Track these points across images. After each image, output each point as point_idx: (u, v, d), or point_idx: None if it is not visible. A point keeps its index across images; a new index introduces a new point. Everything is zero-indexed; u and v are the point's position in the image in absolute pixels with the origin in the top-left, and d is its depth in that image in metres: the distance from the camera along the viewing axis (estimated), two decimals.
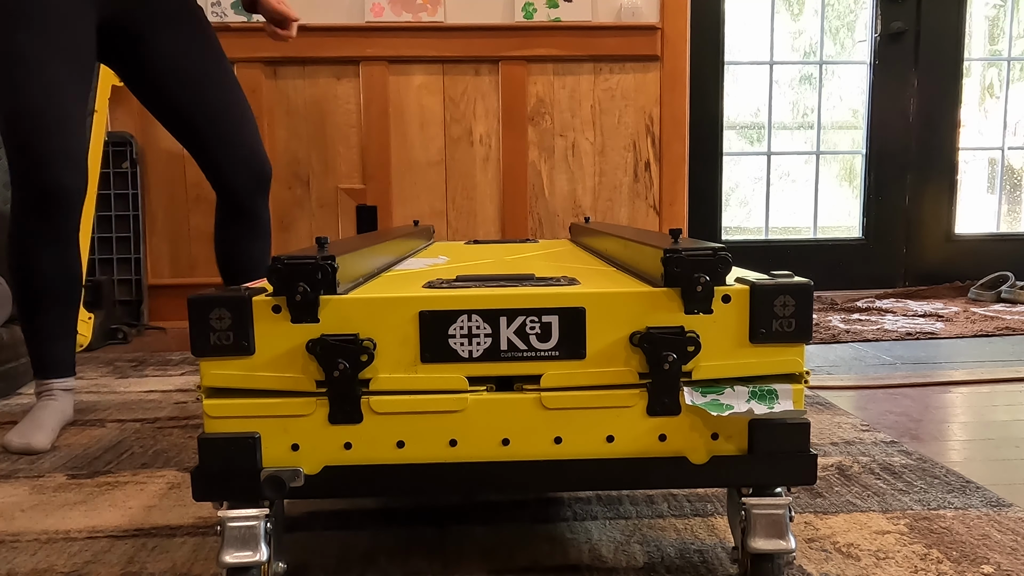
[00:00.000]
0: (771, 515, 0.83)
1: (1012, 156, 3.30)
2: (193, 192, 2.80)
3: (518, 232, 2.87)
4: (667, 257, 0.79)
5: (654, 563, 0.94)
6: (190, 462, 1.34)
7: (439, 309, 0.79)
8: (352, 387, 0.79)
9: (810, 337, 0.80)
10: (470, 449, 0.81)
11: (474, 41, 2.79)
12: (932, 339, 2.28)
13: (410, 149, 2.83)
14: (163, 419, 1.60)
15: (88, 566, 0.97)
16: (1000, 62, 3.26)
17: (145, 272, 2.74)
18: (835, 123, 3.25)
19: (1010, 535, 1.00)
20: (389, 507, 1.12)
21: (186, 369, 2.07)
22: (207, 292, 0.79)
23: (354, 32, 2.76)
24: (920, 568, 0.92)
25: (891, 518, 1.06)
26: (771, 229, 3.25)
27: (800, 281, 0.80)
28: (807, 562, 0.94)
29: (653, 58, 2.85)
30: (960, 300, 2.89)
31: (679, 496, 1.14)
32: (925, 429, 1.47)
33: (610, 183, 2.90)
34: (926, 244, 3.21)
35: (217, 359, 0.79)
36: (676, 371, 0.80)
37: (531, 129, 2.86)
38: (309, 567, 0.95)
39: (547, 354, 0.80)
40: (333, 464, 0.81)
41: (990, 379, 1.82)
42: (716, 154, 3.12)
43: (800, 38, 3.23)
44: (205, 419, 0.80)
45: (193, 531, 1.06)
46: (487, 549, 0.99)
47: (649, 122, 2.88)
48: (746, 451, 0.82)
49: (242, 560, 0.81)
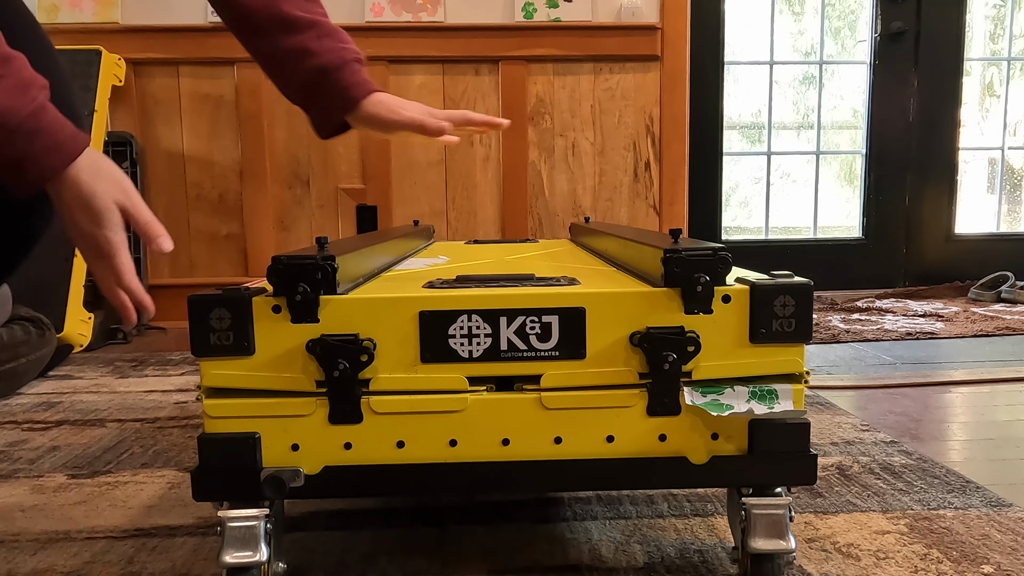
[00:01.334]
0: (771, 515, 0.83)
1: (1012, 156, 3.30)
2: (193, 192, 2.80)
3: (518, 232, 2.87)
4: (667, 257, 0.79)
5: (654, 563, 0.94)
6: (190, 462, 1.34)
7: (439, 309, 0.79)
8: (352, 387, 0.79)
9: (810, 337, 0.80)
10: (470, 449, 0.81)
11: (474, 41, 2.79)
12: (932, 339, 2.28)
13: (410, 149, 2.83)
14: (163, 419, 1.60)
15: (88, 566, 0.97)
16: (1000, 62, 3.26)
17: (145, 272, 2.74)
18: (835, 123, 3.25)
19: (1010, 535, 1.00)
20: (389, 507, 1.12)
21: (186, 369, 2.07)
22: (207, 292, 0.79)
23: (354, 32, 2.73)
24: (920, 568, 0.92)
25: (891, 518, 1.06)
26: (771, 229, 3.25)
27: (800, 281, 0.80)
28: (807, 562, 0.94)
29: (653, 58, 2.85)
30: (960, 300, 2.89)
31: (679, 496, 1.14)
32: (925, 429, 1.47)
33: (610, 183, 2.90)
34: (926, 244, 3.21)
35: (217, 359, 0.79)
36: (676, 371, 0.80)
37: (531, 129, 2.86)
38: (309, 567, 0.95)
39: (547, 354, 0.80)
40: (333, 464, 0.81)
41: (990, 379, 1.82)
42: (716, 154, 3.12)
43: (802, 38, 3.23)
44: (205, 419, 0.80)
45: (193, 531, 1.06)
46: (487, 549, 0.99)
47: (649, 122, 2.88)
48: (746, 451, 0.82)
49: (242, 560, 0.81)
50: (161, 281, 2.80)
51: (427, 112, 0.90)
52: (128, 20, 2.74)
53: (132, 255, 0.86)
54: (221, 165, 2.80)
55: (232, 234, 2.83)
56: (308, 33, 0.90)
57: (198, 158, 2.80)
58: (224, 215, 2.82)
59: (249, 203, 2.81)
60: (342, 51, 0.91)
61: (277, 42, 0.90)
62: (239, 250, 2.84)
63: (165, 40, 2.74)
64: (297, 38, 0.90)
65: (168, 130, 2.78)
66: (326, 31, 0.91)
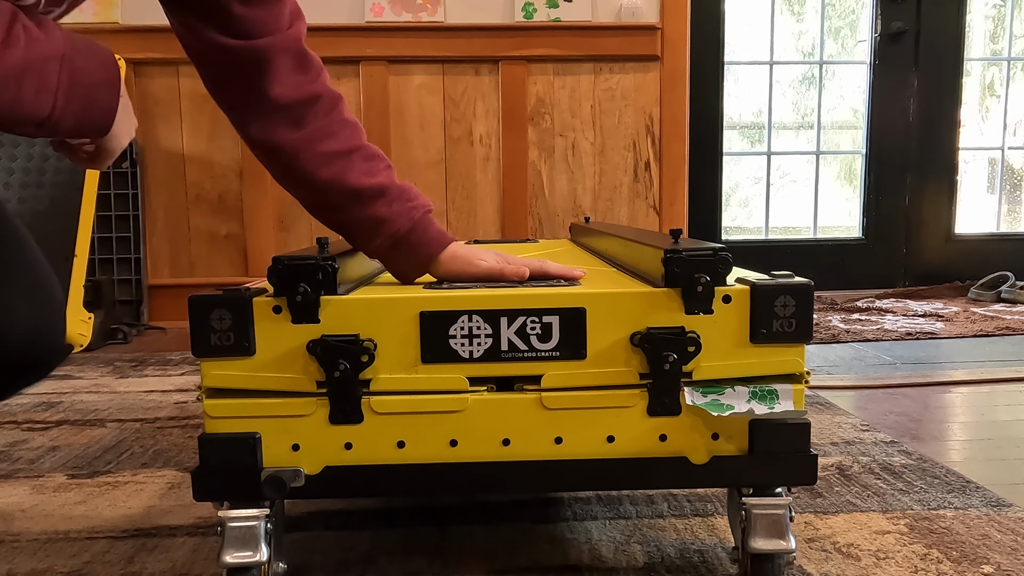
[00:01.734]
0: (771, 515, 0.83)
1: (1012, 156, 3.30)
2: (193, 192, 2.80)
3: (518, 232, 2.87)
4: (667, 257, 0.80)
5: (654, 563, 0.94)
6: (190, 462, 1.34)
7: (440, 309, 0.79)
8: (353, 387, 0.79)
9: (810, 337, 0.80)
10: (470, 449, 0.81)
11: (474, 41, 2.79)
12: (932, 339, 2.28)
13: (410, 149, 2.83)
14: (163, 419, 1.60)
15: (88, 566, 0.97)
16: (1000, 62, 3.26)
17: (145, 272, 2.74)
18: (835, 123, 3.25)
19: (1010, 535, 1.00)
20: (389, 507, 1.12)
21: (186, 369, 2.07)
22: (208, 292, 0.79)
23: (354, 32, 2.75)
24: (920, 568, 0.92)
25: (891, 518, 1.06)
26: (771, 229, 3.25)
27: (800, 281, 0.80)
28: (807, 562, 0.94)
29: (653, 58, 2.85)
30: (960, 300, 2.89)
31: (679, 496, 1.14)
32: (925, 429, 1.47)
33: (610, 183, 2.90)
34: (926, 244, 3.21)
35: (217, 359, 0.79)
36: (676, 371, 0.80)
37: (531, 129, 2.86)
38: (309, 567, 0.95)
39: (548, 354, 0.80)
40: (334, 464, 0.81)
41: (990, 379, 1.82)
42: (716, 154, 3.12)
43: (803, 38, 3.23)
44: (205, 419, 0.80)
45: (193, 531, 1.06)
46: (487, 549, 0.99)
47: (649, 122, 2.88)
48: (746, 451, 0.82)
49: (242, 560, 0.81)
50: (161, 281, 2.80)
51: (504, 260, 0.91)
52: (128, 20, 2.74)
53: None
54: (221, 165, 2.80)
55: (232, 234, 2.83)
56: (378, 202, 0.91)
57: (198, 158, 2.80)
58: (224, 215, 2.82)
59: (249, 203, 2.81)
60: (411, 211, 0.92)
61: (348, 216, 0.92)
62: (239, 250, 2.84)
63: (165, 40, 2.73)
64: (367, 210, 0.91)
65: (168, 130, 2.78)
66: (395, 194, 0.92)
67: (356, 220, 0.92)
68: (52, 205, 2.21)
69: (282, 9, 0.91)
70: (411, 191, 0.93)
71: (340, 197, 0.91)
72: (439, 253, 0.92)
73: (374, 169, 0.93)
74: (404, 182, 0.94)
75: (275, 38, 0.90)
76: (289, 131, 0.91)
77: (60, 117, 0.70)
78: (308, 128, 0.91)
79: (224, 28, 0.88)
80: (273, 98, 0.90)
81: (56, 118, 0.70)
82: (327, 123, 0.92)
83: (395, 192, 0.92)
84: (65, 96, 0.70)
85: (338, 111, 0.93)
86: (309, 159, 0.91)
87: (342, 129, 0.93)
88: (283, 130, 0.91)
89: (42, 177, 2.24)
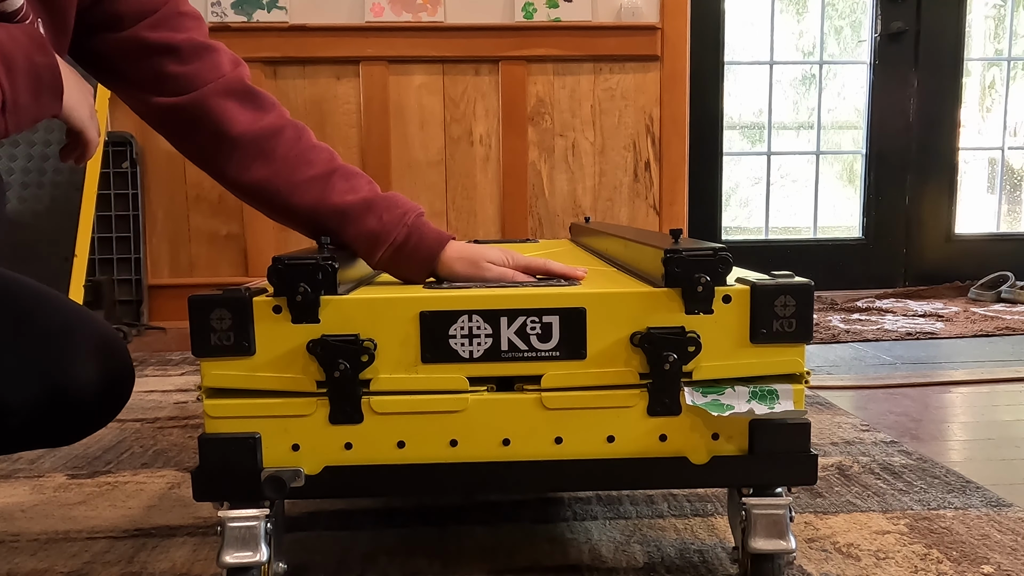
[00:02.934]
0: (771, 515, 0.83)
1: (1012, 156, 3.30)
2: (193, 192, 2.80)
3: (518, 232, 2.87)
4: (668, 257, 0.79)
5: (654, 563, 0.94)
6: (190, 462, 1.34)
7: (440, 309, 0.79)
8: (353, 387, 0.79)
9: (811, 337, 0.80)
10: (470, 449, 0.81)
11: (474, 41, 2.79)
12: (932, 339, 2.28)
13: (410, 149, 2.83)
14: (163, 419, 1.60)
15: (88, 566, 0.97)
16: (1000, 62, 3.26)
17: (145, 272, 2.74)
18: (836, 123, 3.25)
19: (1010, 535, 1.00)
20: (389, 507, 1.12)
21: (186, 369, 2.07)
22: (208, 292, 0.79)
23: (354, 32, 2.75)
24: (920, 568, 0.92)
25: (891, 518, 1.06)
26: (771, 229, 3.25)
27: (801, 281, 0.80)
28: (807, 562, 0.94)
29: (653, 58, 2.85)
30: (960, 300, 2.89)
31: (679, 496, 1.14)
32: (925, 429, 1.47)
33: (610, 183, 2.90)
34: (926, 244, 3.21)
35: (218, 359, 0.79)
36: (677, 371, 0.80)
37: (531, 129, 2.86)
38: (309, 567, 0.95)
39: (548, 354, 0.80)
40: (334, 464, 0.81)
41: (990, 379, 1.82)
42: (716, 154, 3.12)
43: (803, 38, 3.23)
44: (205, 419, 0.80)
45: (193, 531, 1.06)
46: (487, 549, 0.99)
47: (649, 122, 2.88)
48: (746, 451, 0.82)
49: (242, 560, 0.81)
50: (161, 281, 2.80)
51: (509, 258, 0.93)
52: None
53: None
54: None
55: (232, 234, 2.83)
56: (368, 217, 0.91)
57: None
58: (224, 215, 2.82)
59: None
60: (403, 217, 0.92)
61: (344, 235, 0.93)
62: (239, 250, 2.84)
63: None
64: (359, 226, 0.92)
65: None
66: (383, 206, 0.92)
67: (352, 238, 0.92)
68: (52, 205, 2.21)
69: (219, 59, 0.92)
70: (398, 199, 0.93)
71: (329, 219, 0.92)
72: (440, 252, 0.92)
73: (356, 187, 0.93)
74: (390, 192, 0.95)
75: (216, 84, 0.91)
76: (262, 166, 0.91)
77: (15, 95, 0.70)
78: (280, 159, 0.92)
79: (162, 90, 0.90)
80: (236, 137, 0.91)
81: (11, 98, 0.70)
82: (298, 151, 0.93)
83: (382, 204, 0.92)
84: (6, 70, 0.70)
85: (306, 139, 0.94)
86: (290, 189, 0.92)
87: (315, 154, 0.93)
88: (257, 166, 0.92)
89: (42, 177, 2.24)
